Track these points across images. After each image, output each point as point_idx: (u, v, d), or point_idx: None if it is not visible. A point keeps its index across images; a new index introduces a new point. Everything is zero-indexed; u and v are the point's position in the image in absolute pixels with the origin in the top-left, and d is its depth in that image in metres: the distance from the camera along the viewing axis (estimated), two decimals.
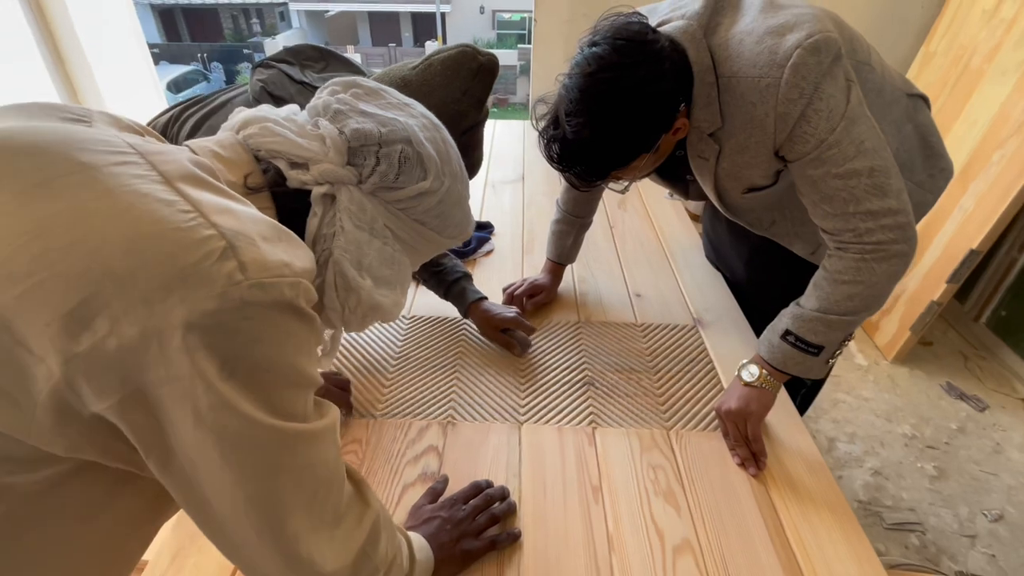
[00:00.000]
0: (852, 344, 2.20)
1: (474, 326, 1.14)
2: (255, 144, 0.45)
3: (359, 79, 0.51)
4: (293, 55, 0.82)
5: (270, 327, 0.36)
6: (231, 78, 17.66)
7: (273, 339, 0.36)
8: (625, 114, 0.76)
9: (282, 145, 0.45)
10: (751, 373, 0.89)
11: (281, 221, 0.44)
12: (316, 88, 0.70)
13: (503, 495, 0.79)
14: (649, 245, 1.47)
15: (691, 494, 0.82)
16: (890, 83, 0.92)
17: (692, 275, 1.34)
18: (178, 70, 10.93)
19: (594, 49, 0.76)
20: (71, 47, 2.26)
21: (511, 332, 1.09)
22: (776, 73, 0.75)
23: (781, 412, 0.95)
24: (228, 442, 0.36)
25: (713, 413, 0.94)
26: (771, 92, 0.77)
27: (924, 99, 0.99)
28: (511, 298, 1.19)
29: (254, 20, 19.92)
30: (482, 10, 17.24)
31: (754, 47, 0.77)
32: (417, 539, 0.67)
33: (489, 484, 0.80)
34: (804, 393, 1.24)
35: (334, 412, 0.44)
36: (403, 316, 1.18)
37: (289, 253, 0.38)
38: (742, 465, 0.86)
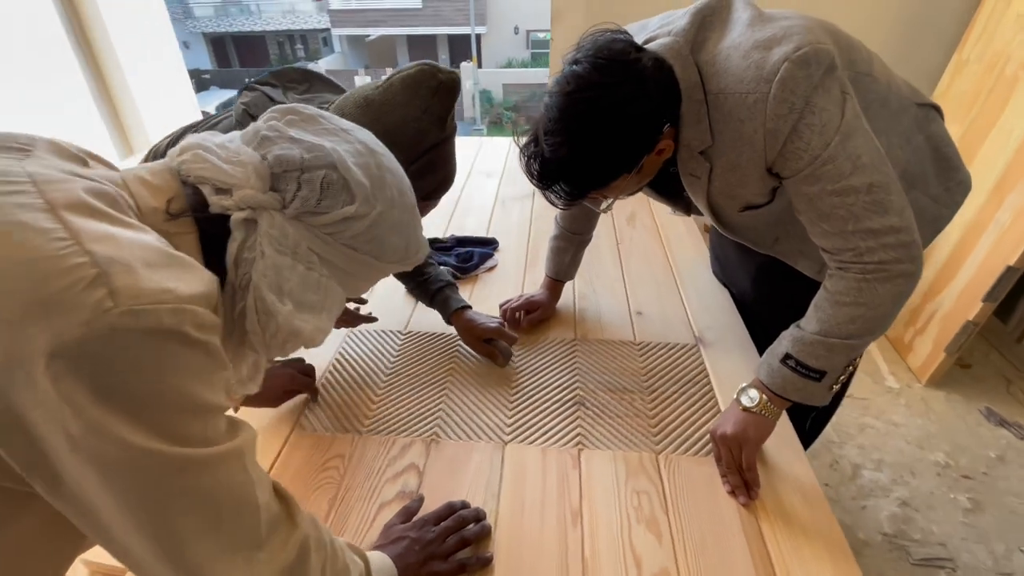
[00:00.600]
0: (883, 366, 2.09)
1: (470, 352, 1.13)
2: (186, 170, 0.46)
3: (299, 106, 0.51)
4: (277, 77, 0.84)
5: (149, 354, 0.35)
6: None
7: (154, 366, 0.36)
8: (603, 134, 0.75)
9: (208, 171, 0.46)
10: (751, 398, 0.85)
11: (204, 245, 0.45)
12: None
13: (477, 517, 0.77)
14: (655, 261, 1.43)
15: (675, 522, 0.78)
16: (896, 93, 0.88)
17: (697, 292, 1.30)
18: (227, 94, 11.56)
19: (575, 67, 0.75)
20: (112, 71, 2.39)
21: (494, 342, 1.08)
22: (763, 88, 0.73)
23: (780, 438, 0.90)
24: (109, 468, 0.35)
25: (707, 437, 0.90)
26: (759, 108, 0.74)
27: (936, 108, 0.94)
28: (506, 314, 1.18)
29: (298, 46, 20.76)
30: (516, 30, 17.49)
31: (741, 62, 0.75)
32: (380, 559, 0.66)
33: (464, 505, 0.79)
34: (814, 418, 1.18)
35: (245, 434, 0.43)
36: (399, 331, 1.18)
37: (176, 279, 0.37)
38: (733, 493, 0.82)
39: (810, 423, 1.15)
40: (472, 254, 1.39)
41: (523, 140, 0.82)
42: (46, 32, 2.15)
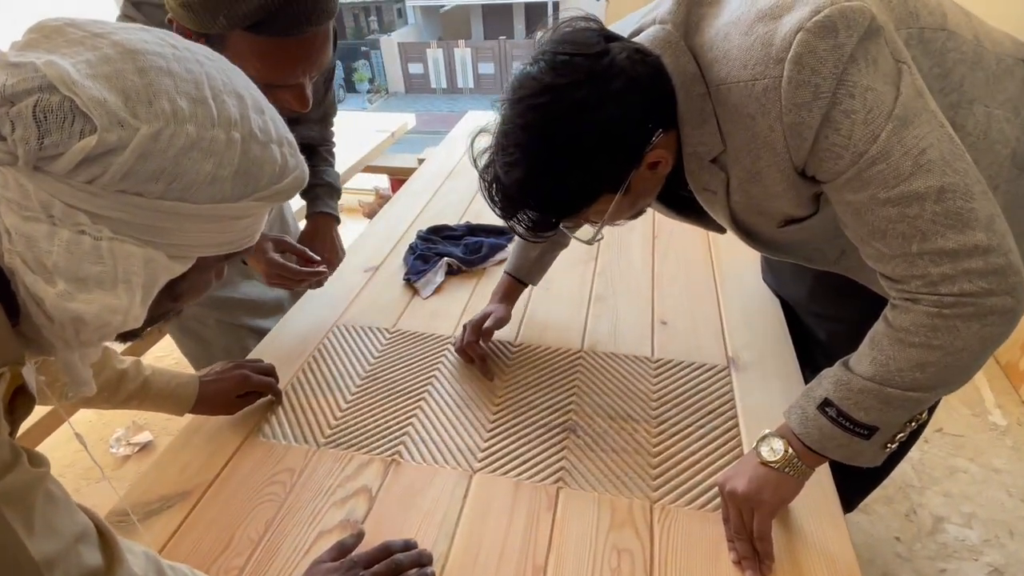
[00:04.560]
0: (988, 396, 1.81)
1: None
2: None
3: (58, 19, 0.39)
4: None
5: None
6: (348, 75, 19.02)
7: None
8: (564, 149, 0.63)
9: None
10: (773, 450, 0.70)
11: None
12: None
13: (419, 562, 0.68)
14: (694, 261, 1.27)
15: None
16: (992, 50, 0.68)
17: (740, 301, 1.14)
18: None
19: (528, 69, 0.64)
20: None
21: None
22: (774, 71, 0.58)
23: (815, 495, 0.75)
24: None
25: (716, 488, 0.76)
26: (771, 97, 0.59)
27: None
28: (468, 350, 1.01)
29: (372, 17, 21.26)
30: None
31: (743, 41, 0.60)
32: None
33: (407, 546, 0.70)
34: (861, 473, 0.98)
35: (10, 478, 0.36)
36: (385, 329, 1.11)
37: None
38: (739, 564, 0.68)
39: (862, 476, 0.96)
40: (482, 245, 1.30)
41: (481, 162, 0.70)
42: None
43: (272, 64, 0.73)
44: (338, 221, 1.20)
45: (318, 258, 1.08)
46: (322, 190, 1.17)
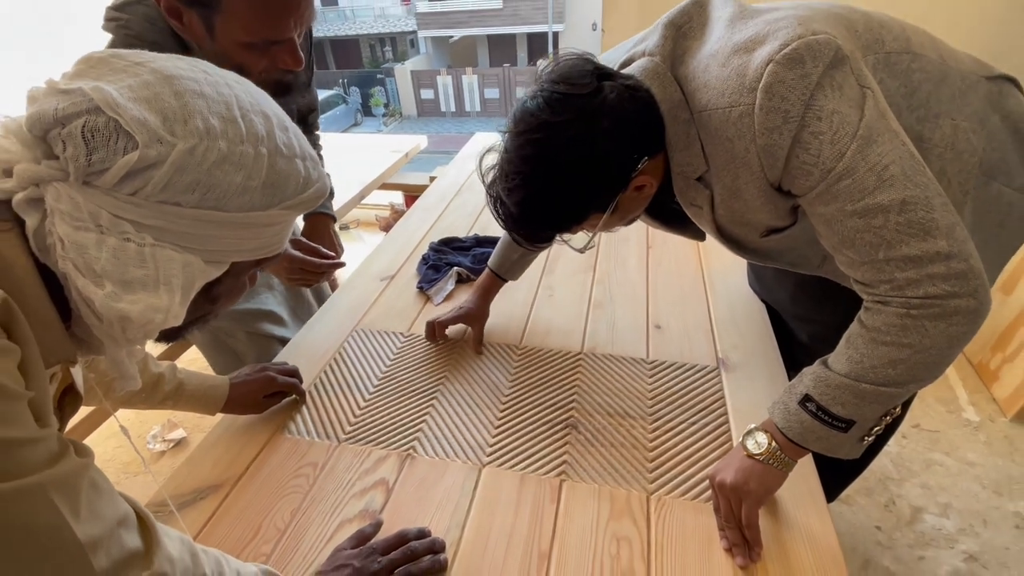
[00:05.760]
0: (962, 394, 1.79)
1: (469, 349, 1.05)
2: None
3: (104, 52, 0.41)
4: None
5: None
6: (366, 100, 19.13)
7: None
8: (556, 178, 0.65)
9: None
10: (757, 443, 0.70)
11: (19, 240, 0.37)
12: None
13: (432, 549, 0.68)
14: (685, 268, 1.27)
15: None
16: (956, 68, 0.68)
17: (729, 305, 1.13)
18: (321, 94, 12.09)
19: (527, 104, 0.65)
20: None
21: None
22: (748, 99, 0.59)
23: (799, 486, 0.75)
24: None
25: (708, 479, 0.76)
26: (746, 123, 0.60)
27: (1011, 80, 0.73)
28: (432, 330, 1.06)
29: (387, 47, 21.39)
30: (594, 27, 17.09)
31: (720, 72, 0.61)
32: None
33: (421, 534, 0.70)
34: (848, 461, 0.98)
35: (60, 467, 0.36)
36: (400, 334, 1.11)
37: None
38: (729, 551, 0.68)
39: (844, 467, 0.96)
40: (488, 255, 1.29)
41: (488, 178, 0.72)
42: None
43: (265, 18, 0.73)
44: (334, 220, 1.20)
45: (330, 252, 1.08)
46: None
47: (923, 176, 0.57)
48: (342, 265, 1.10)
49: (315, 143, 1.18)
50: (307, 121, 1.16)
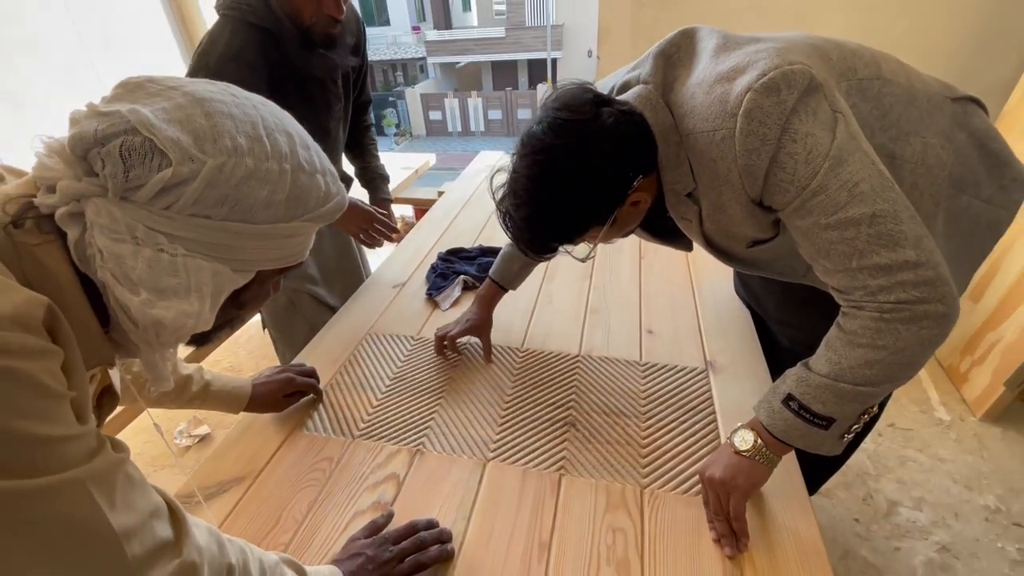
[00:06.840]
0: (934, 395, 1.78)
1: (476, 349, 1.05)
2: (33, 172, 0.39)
3: (141, 76, 0.42)
4: None
5: None
6: (379, 121, 19.24)
7: None
8: (560, 197, 0.66)
9: (36, 169, 0.38)
10: (744, 440, 0.70)
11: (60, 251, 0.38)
12: None
13: (440, 539, 0.68)
14: (675, 276, 1.27)
15: (649, 566, 0.65)
16: (924, 90, 0.69)
17: (716, 311, 1.13)
18: None
19: (533, 129, 0.67)
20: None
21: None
22: (729, 124, 0.60)
23: (783, 481, 0.74)
24: None
25: (698, 475, 0.76)
26: (727, 145, 0.61)
27: (975, 101, 0.74)
28: (442, 343, 1.04)
29: (399, 72, 21.51)
30: (590, 54, 17.17)
31: (705, 99, 0.63)
32: (331, 574, 0.59)
33: (430, 524, 0.69)
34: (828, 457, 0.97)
35: (97, 461, 0.36)
36: (410, 337, 1.11)
37: None
38: (719, 542, 0.67)
39: (825, 464, 0.95)
40: (492, 264, 1.29)
41: (499, 195, 0.73)
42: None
43: None
44: (391, 202, 1.42)
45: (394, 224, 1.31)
46: (380, 181, 1.39)
47: (892, 192, 0.58)
48: (399, 233, 1.32)
49: (367, 128, 1.41)
50: (362, 113, 1.37)
